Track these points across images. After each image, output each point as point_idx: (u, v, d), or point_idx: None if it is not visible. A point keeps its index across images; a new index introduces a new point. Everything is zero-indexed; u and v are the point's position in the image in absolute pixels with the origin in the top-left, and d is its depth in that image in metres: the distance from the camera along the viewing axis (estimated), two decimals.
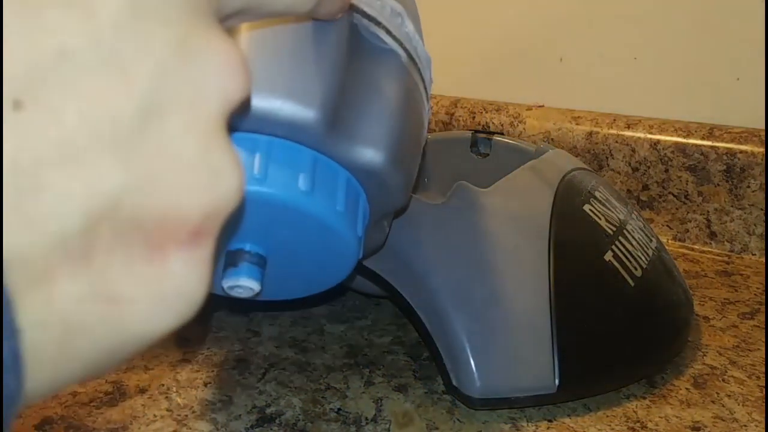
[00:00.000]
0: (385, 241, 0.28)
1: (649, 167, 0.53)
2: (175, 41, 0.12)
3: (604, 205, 0.36)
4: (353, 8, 0.22)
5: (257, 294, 0.22)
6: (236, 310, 0.38)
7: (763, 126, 0.50)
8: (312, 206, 0.21)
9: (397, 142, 0.22)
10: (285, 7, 0.17)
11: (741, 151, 0.49)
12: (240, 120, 0.20)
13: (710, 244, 0.51)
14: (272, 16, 0.17)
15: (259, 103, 0.20)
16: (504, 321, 0.30)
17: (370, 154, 0.22)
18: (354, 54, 0.22)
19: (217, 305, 0.38)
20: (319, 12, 0.19)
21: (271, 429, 0.28)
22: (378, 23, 0.23)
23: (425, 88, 0.26)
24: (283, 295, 0.27)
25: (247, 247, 0.22)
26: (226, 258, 0.22)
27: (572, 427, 0.29)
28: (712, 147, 0.50)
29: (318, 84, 0.20)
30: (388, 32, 0.23)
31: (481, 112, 0.61)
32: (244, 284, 0.21)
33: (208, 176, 0.12)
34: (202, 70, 0.12)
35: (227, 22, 0.15)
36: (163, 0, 0.12)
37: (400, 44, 0.23)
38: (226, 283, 0.21)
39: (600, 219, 0.35)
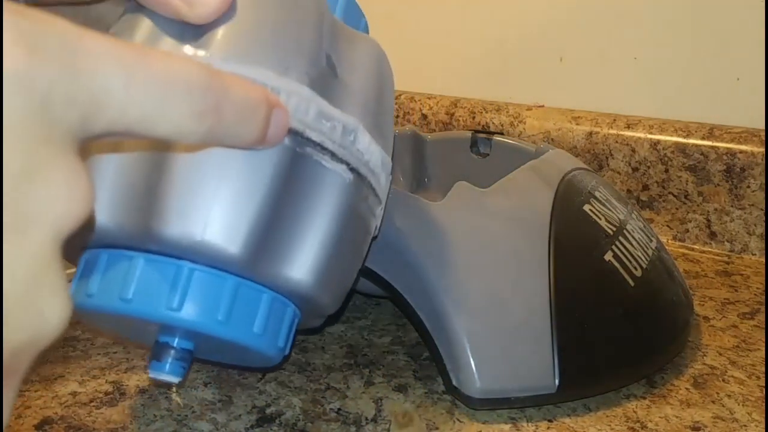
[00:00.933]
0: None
1: (649, 167, 0.53)
2: (12, 172, 0.12)
3: (604, 205, 0.36)
4: (296, 134, 0.21)
5: (181, 381, 0.24)
6: None
7: (763, 126, 0.50)
8: (228, 333, 0.22)
9: (326, 266, 0.23)
10: (167, 132, 0.15)
11: (741, 151, 0.49)
12: (156, 245, 0.21)
13: (710, 244, 0.51)
14: (156, 141, 0.16)
15: (184, 234, 0.20)
16: (504, 321, 0.30)
17: (297, 280, 0.22)
18: (292, 180, 0.21)
19: None
20: (226, 142, 0.18)
21: (271, 429, 0.28)
22: (323, 149, 0.22)
23: (377, 195, 0.25)
24: (223, 362, 0.29)
25: (175, 342, 0.23)
26: (153, 348, 0.24)
27: (572, 427, 0.29)
28: (712, 147, 0.50)
29: (244, 220, 0.20)
30: (334, 156, 0.22)
31: (481, 112, 0.61)
32: (166, 379, 0.23)
33: (27, 315, 0.12)
34: (42, 197, 0.12)
35: (101, 140, 0.15)
36: (7, 129, 0.12)
37: (348, 165, 0.23)
38: (151, 373, 0.23)
39: (600, 219, 0.35)
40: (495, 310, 0.30)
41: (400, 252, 0.31)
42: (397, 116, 0.67)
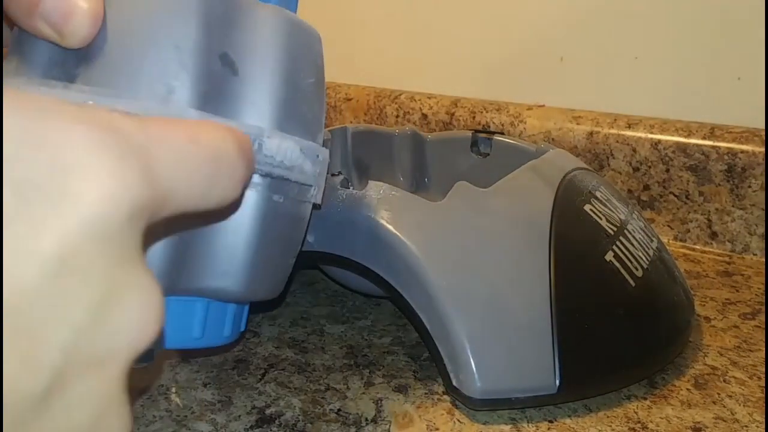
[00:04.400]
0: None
1: (650, 167, 0.53)
2: (95, 302, 0.11)
3: (604, 205, 0.36)
4: None
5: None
6: None
7: (764, 126, 0.50)
8: (169, 344, 0.22)
9: (253, 271, 0.23)
10: (216, 204, 0.16)
11: (742, 151, 0.49)
12: None
13: (711, 244, 0.51)
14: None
15: None
16: (504, 321, 0.29)
17: (225, 290, 0.22)
18: None
19: None
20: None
21: (271, 430, 0.28)
22: None
23: (303, 183, 0.24)
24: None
25: None
26: None
27: (573, 428, 0.28)
28: (713, 147, 0.50)
29: (149, 252, 0.20)
30: None
31: (482, 112, 0.61)
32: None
33: None
34: (117, 328, 0.12)
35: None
36: (90, 256, 0.11)
37: (258, 173, 0.22)
38: None
39: (601, 219, 0.35)
40: (495, 310, 0.30)
41: (400, 252, 0.31)
42: (397, 116, 0.67)
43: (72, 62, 0.20)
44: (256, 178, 0.22)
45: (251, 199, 0.22)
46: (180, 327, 0.23)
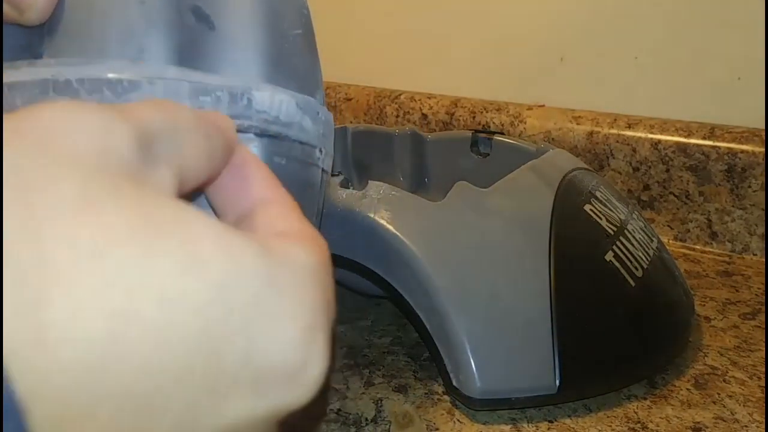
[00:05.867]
0: None
1: (650, 167, 0.53)
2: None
3: (604, 205, 0.36)
4: None
5: None
6: None
7: (763, 126, 0.50)
8: None
9: None
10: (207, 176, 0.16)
11: (742, 151, 0.49)
12: None
13: (711, 244, 0.51)
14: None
15: None
16: (504, 321, 0.29)
17: None
18: None
19: None
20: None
21: None
22: None
23: (305, 142, 0.22)
24: None
25: None
26: None
27: (573, 428, 0.28)
28: (713, 147, 0.50)
29: None
30: None
31: (482, 112, 0.61)
32: None
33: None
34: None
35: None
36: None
37: (251, 132, 0.20)
38: None
39: (601, 219, 0.35)
40: (495, 310, 0.30)
41: (400, 252, 0.31)
42: (397, 116, 0.67)
43: (36, 41, 0.19)
44: (251, 137, 0.20)
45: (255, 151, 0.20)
46: None
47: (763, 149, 0.48)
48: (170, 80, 0.19)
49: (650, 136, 0.53)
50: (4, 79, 0.19)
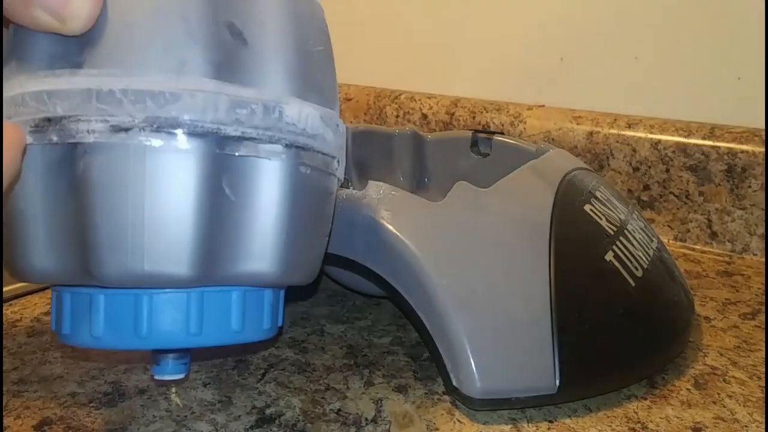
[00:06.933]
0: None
1: (650, 167, 0.53)
2: None
3: (604, 205, 0.36)
4: (211, 135, 0.20)
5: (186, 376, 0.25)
6: None
7: (763, 126, 0.50)
8: (206, 341, 0.22)
9: (287, 250, 0.22)
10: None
11: (742, 151, 0.49)
12: (102, 283, 0.20)
13: (711, 244, 0.51)
14: None
15: (123, 271, 0.20)
16: (504, 321, 0.29)
17: (261, 273, 0.22)
18: (225, 182, 0.20)
19: None
20: None
21: (271, 430, 0.28)
22: (247, 139, 0.20)
23: (326, 153, 0.23)
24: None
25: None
26: (152, 355, 0.24)
27: (573, 428, 0.28)
28: (713, 147, 0.50)
29: (183, 240, 0.20)
30: (261, 141, 0.21)
31: (482, 112, 0.61)
32: (170, 378, 0.24)
33: None
34: None
35: None
36: None
37: (281, 143, 0.21)
38: (156, 376, 0.24)
39: (601, 219, 0.35)
40: (495, 310, 0.30)
41: (400, 252, 0.31)
42: (397, 116, 0.67)
43: (75, 51, 0.19)
44: (280, 149, 0.21)
45: (278, 171, 0.21)
46: (219, 321, 0.22)
47: (762, 149, 0.48)
48: (209, 93, 0.20)
49: (650, 136, 0.53)
50: (45, 86, 0.19)
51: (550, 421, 0.29)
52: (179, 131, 0.19)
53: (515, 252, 0.31)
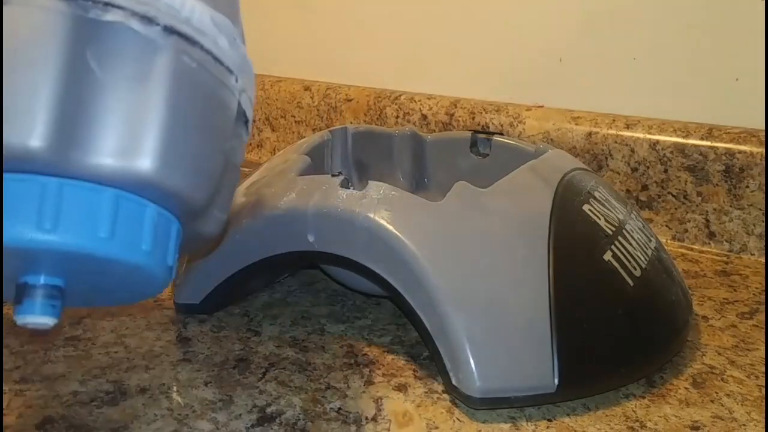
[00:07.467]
0: (223, 228, 0.24)
1: (648, 167, 0.53)
2: None
3: (603, 205, 0.36)
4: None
5: (57, 323, 0.20)
6: (236, 312, 0.39)
7: (762, 126, 0.50)
8: (114, 252, 0.19)
9: (158, 145, 0.19)
10: None
11: (740, 152, 0.49)
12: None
13: (709, 244, 0.51)
14: None
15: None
16: (504, 321, 0.30)
17: (129, 168, 0.19)
18: (89, 50, 0.18)
19: (218, 305, 0.38)
20: None
21: (272, 428, 0.28)
22: (114, 6, 0.18)
23: (219, 60, 0.21)
24: (96, 305, 0.25)
25: (41, 280, 0.20)
26: (16, 292, 0.20)
27: (572, 427, 0.29)
28: (711, 147, 0.50)
29: (37, 105, 0.17)
30: (133, 14, 0.19)
31: (481, 113, 0.61)
32: (38, 321, 0.20)
33: None
34: None
35: None
36: None
37: (155, 22, 0.19)
38: (19, 320, 0.20)
39: (599, 219, 0.35)
40: (495, 309, 0.30)
41: (400, 252, 0.31)
42: (397, 117, 0.67)
43: None
44: (158, 30, 0.19)
45: (156, 54, 0.19)
46: (82, 220, 0.19)
47: (761, 149, 0.48)
48: None
49: (648, 136, 0.53)
50: None
51: (549, 420, 0.29)
52: None
53: (514, 252, 0.32)
